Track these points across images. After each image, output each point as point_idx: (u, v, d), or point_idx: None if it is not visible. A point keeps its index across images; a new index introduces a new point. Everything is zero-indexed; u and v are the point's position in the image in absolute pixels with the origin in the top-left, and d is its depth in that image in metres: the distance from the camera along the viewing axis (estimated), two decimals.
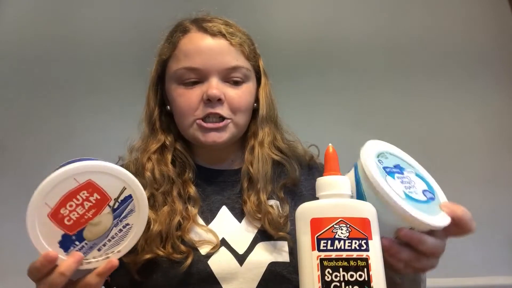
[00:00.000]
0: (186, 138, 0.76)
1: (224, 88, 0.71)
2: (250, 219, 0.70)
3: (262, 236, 0.69)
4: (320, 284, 0.42)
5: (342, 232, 0.43)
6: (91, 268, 0.51)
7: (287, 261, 0.67)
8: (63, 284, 0.49)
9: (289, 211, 0.71)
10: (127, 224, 0.53)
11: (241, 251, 0.67)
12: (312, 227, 0.44)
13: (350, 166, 0.53)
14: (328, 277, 0.42)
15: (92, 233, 0.51)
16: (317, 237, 0.43)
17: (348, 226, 0.43)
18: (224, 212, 0.72)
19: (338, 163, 0.48)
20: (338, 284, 0.42)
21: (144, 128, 0.78)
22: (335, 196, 0.46)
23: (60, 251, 0.50)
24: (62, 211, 0.49)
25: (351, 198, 0.48)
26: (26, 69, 1.60)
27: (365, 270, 0.42)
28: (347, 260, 0.42)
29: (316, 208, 0.46)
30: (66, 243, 0.50)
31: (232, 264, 0.65)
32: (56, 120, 1.57)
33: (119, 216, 0.52)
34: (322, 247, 0.43)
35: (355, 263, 0.42)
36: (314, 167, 0.81)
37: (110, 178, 0.51)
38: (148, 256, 0.64)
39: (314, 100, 1.62)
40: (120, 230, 0.53)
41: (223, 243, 0.68)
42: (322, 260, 0.43)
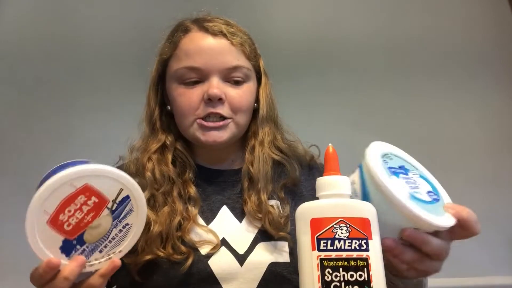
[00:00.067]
0: (186, 138, 0.76)
1: (224, 88, 0.71)
2: (250, 219, 0.71)
3: (263, 236, 0.69)
4: (320, 284, 0.42)
5: (342, 232, 0.43)
6: (94, 270, 0.51)
7: (288, 261, 0.67)
8: None
9: (289, 211, 0.71)
10: (127, 224, 0.53)
11: (241, 251, 0.67)
12: (312, 227, 0.44)
13: (350, 166, 0.53)
14: (328, 277, 0.42)
15: (92, 236, 0.51)
16: (317, 237, 0.43)
17: (348, 226, 0.43)
18: (225, 212, 0.72)
19: (338, 163, 0.48)
20: (338, 284, 0.42)
21: (144, 128, 0.78)
22: (335, 196, 0.46)
23: (62, 257, 0.49)
24: (61, 217, 0.49)
25: (351, 198, 0.48)
26: (26, 69, 1.60)
27: (365, 270, 0.42)
28: (347, 260, 0.42)
29: (316, 208, 0.46)
30: (67, 248, 0.50)
31: (232, 264, 0.65)
32: (56, 120, 1.57)
33: (118, 217, 0.52)
34: (322, 247, 0.43)
35: (355, 263, 0.42)
36: (315, 167, 0.81)
37: (106, 181, 0.50)
38: (148, 257, 0.64)
39: (314, 100, 1.62)
40: (120, 231, 0.53)
41: (224, 243, 0.68)
42: (322, 260, 0.43)
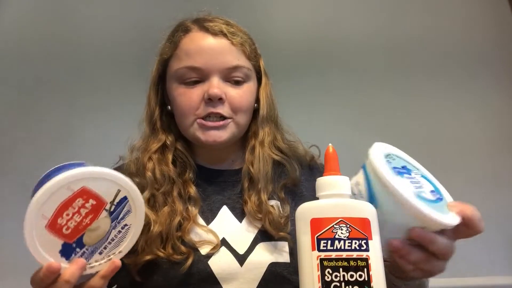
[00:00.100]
0: (186, 138, 0.76)
1: (225, 88, 0.71)
2: (250, 219, 0.70)
3: (263, 236, 0.69)
4: (320, 284, 0.42)
5: (342, 232, 0.43)
6: (95, 272, 0.51)
7: (288, 261, 0.67)
8: None
9: (289, 212, 0.71)
10: (126, 225, 0.53)
11: (241, 251, 0.67)
12: (312, 227, 0.44)
13: (350, 166, 0.53)
14: (328, 277, 0.42)
15: (91, 238, 0.51)
16: (317, 237, 0.43)
17: (348, 226, 0.43)
18: (225, 212, 0.72)
19: (338, 163, 0.48)
20: (338, 284, 0.42)
21: (144, 128, 0.78)
22: (335, 196, 0.46)
23: (62, 260, 0.49)
24: (59, 221, 0.48)
25: (355, 199, 0.47)
26: (26, 69, 1.60)
27: (365, 270, 0.42)
28: (347, 260, 0.42)
29: (316, 208, 0.46)
30: (67, 251, 0.50)
31: (232, 264, 0.65)
32: (56, 120, 1.57)
33: (116, 218, 0.52)
34: (322, 247, 0.43)
35: (355, 263, 0.42)
36: (315, 168, 0.81)
37: (104, 183, 0.50)
38: (148, 257, 0.64)
39: (314, 100, 1.62)
40: (119, 232, 0.52)
41: (224, 243, 0.68)
42: (322, 260, 0.43)
